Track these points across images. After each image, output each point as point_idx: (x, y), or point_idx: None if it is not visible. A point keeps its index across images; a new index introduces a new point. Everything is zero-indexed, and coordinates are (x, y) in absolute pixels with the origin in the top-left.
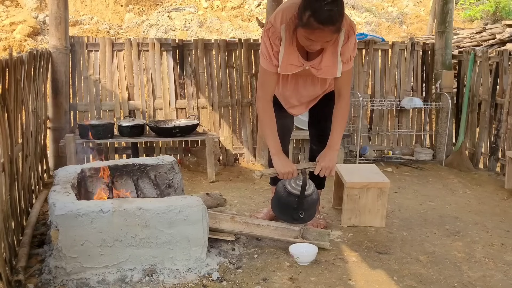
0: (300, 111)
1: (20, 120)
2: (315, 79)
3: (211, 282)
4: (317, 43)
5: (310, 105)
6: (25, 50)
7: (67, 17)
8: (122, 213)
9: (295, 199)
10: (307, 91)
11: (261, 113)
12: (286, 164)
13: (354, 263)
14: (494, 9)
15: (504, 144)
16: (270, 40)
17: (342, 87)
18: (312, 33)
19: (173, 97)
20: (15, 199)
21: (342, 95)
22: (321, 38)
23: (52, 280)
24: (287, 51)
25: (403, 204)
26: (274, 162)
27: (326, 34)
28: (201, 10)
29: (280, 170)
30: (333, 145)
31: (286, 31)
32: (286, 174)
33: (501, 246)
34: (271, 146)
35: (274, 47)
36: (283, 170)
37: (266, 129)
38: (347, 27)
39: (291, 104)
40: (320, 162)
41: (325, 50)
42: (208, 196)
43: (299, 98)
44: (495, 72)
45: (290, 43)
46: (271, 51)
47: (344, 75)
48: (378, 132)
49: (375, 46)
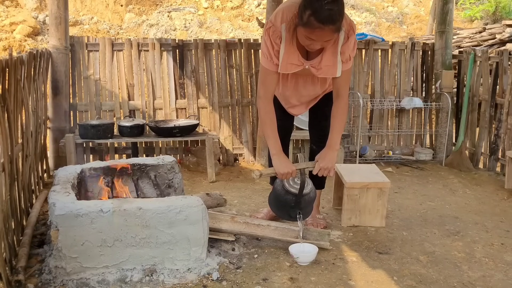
0: (300, 111)
1: (20, 120)
2: (315, 78)
3: (211, 282)
4: (317, 42)
5: (310, 105)
6: (25, 50)
7: (67, 17)
8: (122, 213)
9: (293, 197)
10: (307, 91)
11: (262, 113)
12: (286, 165)
13: (354, 263)
14: (494, 9)
15: (504, 144)
16: (271, 39)
17: (341, 87)
18: (312, 32)
19: (173, 97)
20: (15, 199)
21: (341, 95)
22: (321, 38)
23: (52, 280)
24: (287, 50)
25: (403, 204)
26: (273, 162)
27: (326, 33)
28: (201, 10)
29: (279, 171)
30: (332, 145)
31: (286, 31)
32: (285, 174)
33: (501, 246)
34: (271, 146)
35: (275, 46)
36: (282, 170)
37: (267, 129)
38: (347, 27)
39: (291, 103)
40: (320, 162)
41: (325, 50)
42: (208, 196)
43: (299, 97)
44: (495, 72)
45: (290, 43)
46: (271, 50)
47: (343, 75)
48: (378, 132)
49: (375, 46)
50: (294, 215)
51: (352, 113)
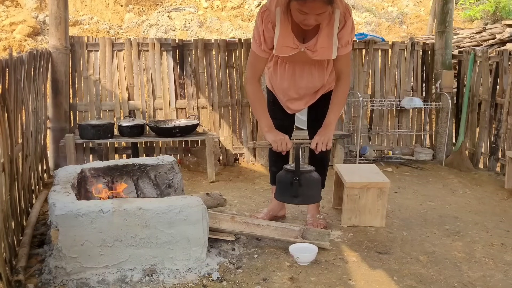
0: (299, 107)
1: (20, 120)
2: (312, 68)
3: (211, 282)
4: (311, 16)
5: (310, 102)
6: (25, 50)
7: (67, 17)
8: (122, 213)
9: (292, 174)
10: (304, 82)
11: (251, 95)
12: (280, 136)
13: (354, 263)
14: (494, 9)
15: (504, 144)
16: (263, 24)
17: (341, 70)
18: (304, 5)
19: (173, 97)
20: (15, 199)
21: (342, 78)
22: (314, 10)
23: (52, 280)
24: (282, 33)
25: (403, 204)
26: (267, 137)
27: (318, 5)
28: (201, 10)
29: (272, 139)
30: (327, 124)
31: (281, 13)
32: (278, 141)
33: (501, 246)
34: (263, 124)
35: (265, 32)
36: (275, 138)
37: (257, 109)
38: (343, 9)
39: (290, 96)
40: (316, 137)
41: (320, 32)
42: (208, 196)
43: (297, 89)
44: (495, 72)
45: (285, 25)
46: (262, 35)
47: (343, 59)
48: (378, 132)
49: (375, 46)
50: (295, 193)
51: (352, 113)
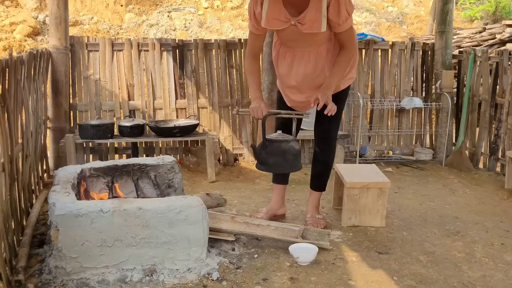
0: (299, 99)
1: (20, 120)
2: (311, 55)
3: (211, 282)
4: None
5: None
6: (25, 50)
7: (67, 17)
8: (122, 213)
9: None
10: (303, 68)
11: (246, 69)
12: (258, 103)
13: (354, 263)
14: (494, 9)
15: (504, 144)
16: (253, 2)
17: (345, 41)
18: None
19: (173, 97)
20: (15, 199)
21: (346, 47)
22: None
23: (52, 280)
24: (272, 6)
25: (403, 204)
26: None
27: None
28: (201, 10)
29: (251, 106)
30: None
31: None
32: (255, 109)
33: (501, 246)
34: (252, 94)
35: (255, 9)
36: (253, 105)
37: (250, 80)
38: None
39: (288, 83)
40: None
41: (310, 6)
42: (208, 196)
43: (296, 77)
44: (495, 72)
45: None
46: (252, 13)
47: (346, 33)
48: (378, 132)
49: (375, 46)
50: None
51: (352, 113)
